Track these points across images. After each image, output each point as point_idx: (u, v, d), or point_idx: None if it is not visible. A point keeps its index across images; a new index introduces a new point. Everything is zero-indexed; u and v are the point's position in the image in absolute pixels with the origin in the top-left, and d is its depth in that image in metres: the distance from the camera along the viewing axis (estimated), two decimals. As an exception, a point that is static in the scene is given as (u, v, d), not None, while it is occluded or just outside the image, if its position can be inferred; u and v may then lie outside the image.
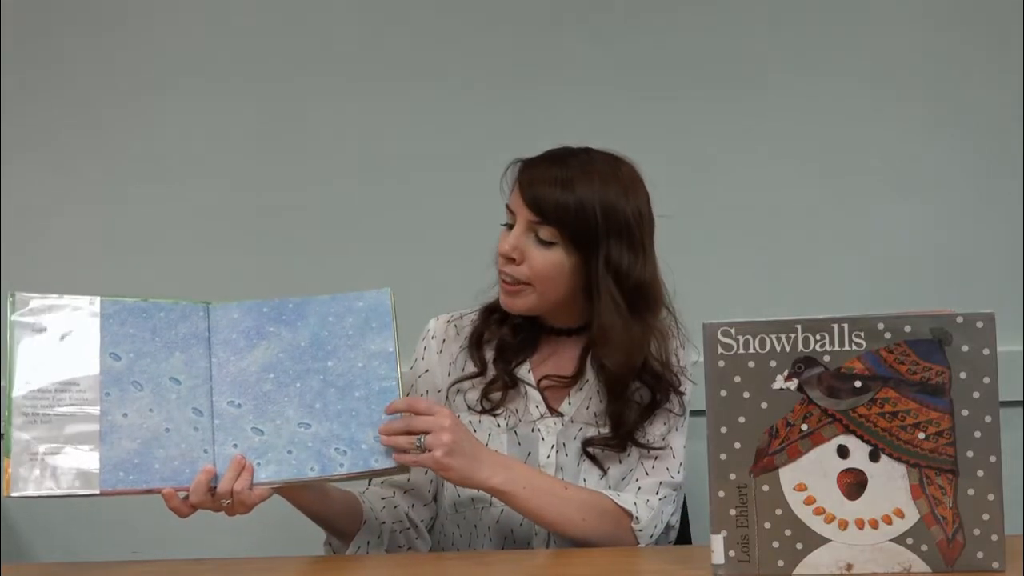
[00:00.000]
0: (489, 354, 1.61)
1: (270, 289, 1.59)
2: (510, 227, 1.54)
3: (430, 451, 1.39)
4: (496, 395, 1.58)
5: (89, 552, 2.12)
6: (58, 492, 1.34)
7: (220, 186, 2.23)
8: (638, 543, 1.50)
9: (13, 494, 1.33)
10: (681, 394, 1.58)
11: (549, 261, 1.51)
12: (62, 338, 1.38)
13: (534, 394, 1.58)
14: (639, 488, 1.54)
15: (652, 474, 1.56)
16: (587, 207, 1.49)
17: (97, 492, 1.35)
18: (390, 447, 1.39)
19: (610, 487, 1.55)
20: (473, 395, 1.60)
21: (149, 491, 1.36)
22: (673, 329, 1.59)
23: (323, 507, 1.51)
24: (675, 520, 1.59)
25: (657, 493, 1.54)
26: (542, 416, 1.57)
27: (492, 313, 1.62)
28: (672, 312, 1.58)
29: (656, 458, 1.56)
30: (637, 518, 1.49)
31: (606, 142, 1.58)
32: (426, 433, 1.39)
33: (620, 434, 1.55)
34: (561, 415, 1.57)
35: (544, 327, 1.61)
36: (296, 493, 1.46)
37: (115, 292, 1.45)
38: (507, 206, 1.56)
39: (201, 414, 1.40)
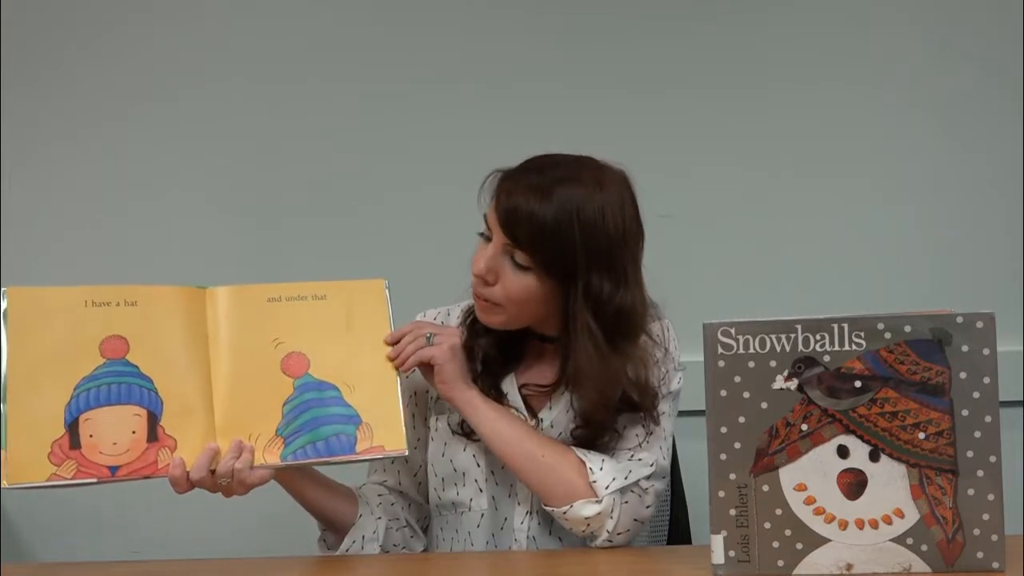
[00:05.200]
0: (474, 365, 1.55)
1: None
2: (487, 238, 1.48)
3: (438, 345, 1.46)
4: None
5: (89, 552, 2.12)
6: (62, 482, 1.33)
7: (220, 186, 2.23)
8: (596, 496, 1.42)
9: (10, 485, 1.31)
10: (656, 409, 1.51)
11: (523, 286, 1.44)
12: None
13: (516, 402, 1.55)
14: (613, 452, 1.50)
15: (627, 434, 1.50)
16: (564, 232, 1.39)
17: (95, 480, 1.34)
18: (400, 366, 1.45)
19: None
20: (455, 418, 1.54)
21: (150, 476, 1.35)
22: (652, 350, 1.50)
23: (324, 498, 1.50)
24: (649, 485, 1.47)
25: (630, 456, 1.48)
26: (518, 411, 1.54)
27: (475, 321, 1.56)
28: (651, 337, 1.50)
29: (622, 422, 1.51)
30: (592, 468, 1.43)
31: (603, 142, 1.58)
32: (435, 334, 1.47)
33: (596, 439, 1.50)
34: (541, 420, 1.55)
35: (530, 333, 1.56)
36: (298, 481, 1.46)
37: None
38: (485, 216, 1.48)
39: None
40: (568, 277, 1.42)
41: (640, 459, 1.47)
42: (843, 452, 1.20)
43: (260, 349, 1.43)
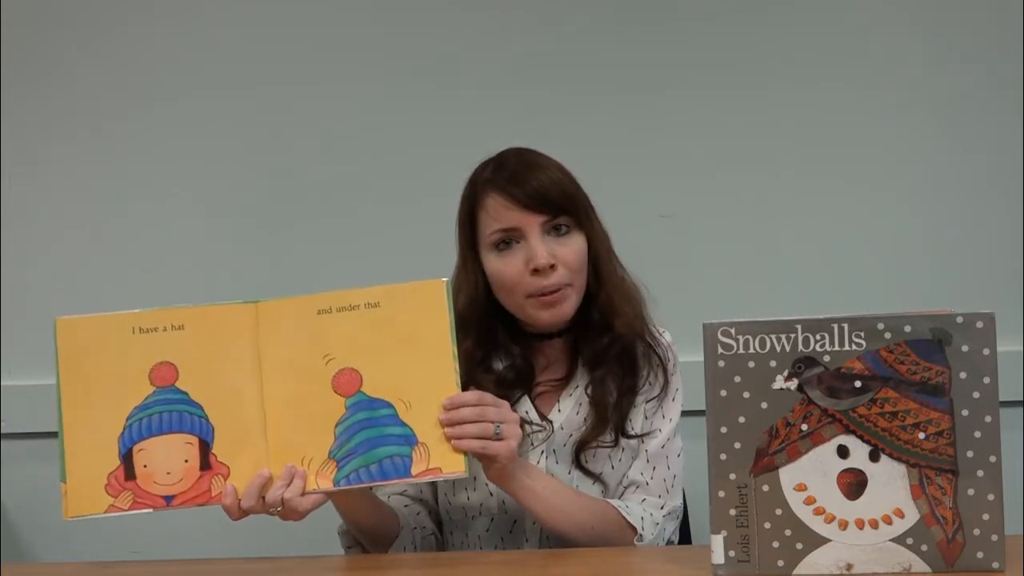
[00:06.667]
0: (486, 383, 1.54)
1: (275, 290, 1.55)
2: (503, 246, 1.50)
3: (506, 440, 1.38)
4: None
5: (89, 552, 2.12)
6: (120, 513, 1.36)
7: (220, 186, 2.24)
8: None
9: (71, 517, 1.34)
10: (668, 373, 1.58)
11: (576, 248, 1.51)
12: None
13: (526, 404, 1.56)
14: (643, 500, 1.54)
15: (653, 484, 1.55)
16: (571, 180, 1.53)
17: (151, 510, 1.36)
18: (455, 437, 1.34)
19: (604, 493, 1.55)
20: None
21: (204, 504, 1.37)
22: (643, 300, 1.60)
23: (372, 514, 1.49)
24: (675, 537, 1.60)
25: (662, 509, 1.55)
26: (532, 423, 1.55)
27: (481, 347, 1.55)
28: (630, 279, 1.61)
29: (650, 464, 1.56)
30: (641, 535, 1.49)
31: (603, 142, 1.59)
32: (501, 423, 1.38)
33: (606, 421, 1.53)
34: (551, 421, 1.56)
35: (531, 335, 1.57)
36: (350, 500, 1.44)
37: (116, 296, 1.45)
38: (497, 231, 1.50)
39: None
40: (589, 222, 1.53)
41: (670, 512, 1.55)
42: (843, 452, 1.20)
43: (310, 368, 1.37)
